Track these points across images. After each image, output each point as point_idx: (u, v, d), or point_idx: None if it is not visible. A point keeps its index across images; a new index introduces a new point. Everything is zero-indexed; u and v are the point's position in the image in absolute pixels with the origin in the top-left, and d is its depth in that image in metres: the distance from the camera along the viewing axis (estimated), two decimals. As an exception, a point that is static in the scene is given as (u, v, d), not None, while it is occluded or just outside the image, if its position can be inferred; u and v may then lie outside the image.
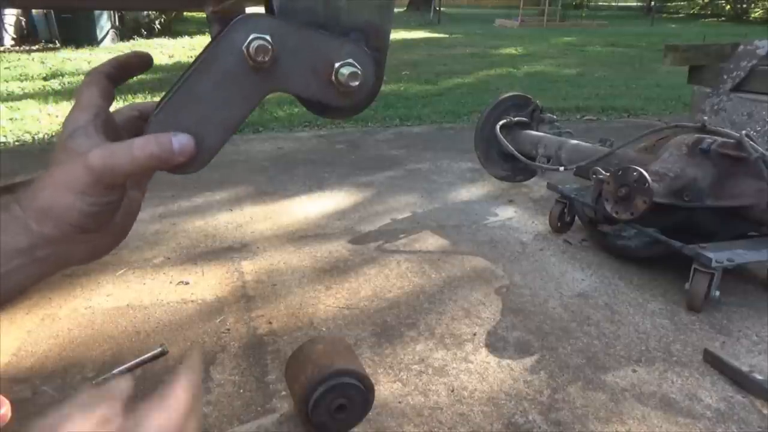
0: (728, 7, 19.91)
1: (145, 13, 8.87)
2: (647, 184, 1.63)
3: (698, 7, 22.29)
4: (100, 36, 7.98)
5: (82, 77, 5.73)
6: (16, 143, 3.57)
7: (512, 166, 2.41)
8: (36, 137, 3.67)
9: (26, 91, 4.99)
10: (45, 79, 5.61)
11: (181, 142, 0.44)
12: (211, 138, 0.47)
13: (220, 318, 1.66)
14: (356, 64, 0.46)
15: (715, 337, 1.61)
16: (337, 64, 0.46)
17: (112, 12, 8.17)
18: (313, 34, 0.46)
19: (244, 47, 0.44)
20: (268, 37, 0.44)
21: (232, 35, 0.44)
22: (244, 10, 0.86)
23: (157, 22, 9.24)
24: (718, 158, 1.66)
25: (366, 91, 0.48)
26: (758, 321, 1.68)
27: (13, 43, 7.99)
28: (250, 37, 0.44)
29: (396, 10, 5.60)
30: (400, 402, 1.34)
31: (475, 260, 2.07)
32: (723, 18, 18.83)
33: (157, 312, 1.69)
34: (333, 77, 0.47)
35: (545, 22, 14.16)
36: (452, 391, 1.38)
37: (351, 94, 0.48)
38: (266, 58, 0.44)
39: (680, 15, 21.51)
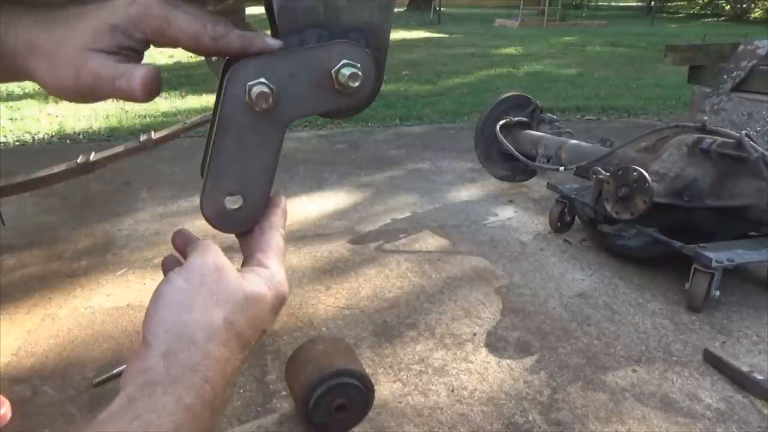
0: (728, 7, 19.91)
1: None
2: (647, 184, 1.63)
3: (698, 7, 22.31)
4: (100, 36, 7.97)
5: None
6: (16, 143, 3.57)
7: (512, 166, 2.41)
8: (36, 137, 3.67)
9: (26, 91, 4.99)
10: (45, 79, 5.60)
11: (143, 77, 0.42)
12: (257, 189, 0.48)
13: (220, 318, 1.66)
14: (353, 63, 0.46)
15: (715, 337, 1.61)
16: (333, 70, 0.46)
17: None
18: (301, 53, 0.46)
19: (246, 99, 0.44)
20: (263, 80, 0.44)
21: (231, 92, 0.44)
22: (244, 10, 0.86)
23: (157, 22, 9.23)
24: (718, 158, 1.66)
25: (367, 87, 0.48)
26: (758, 321, 1.68)
27: (13, 43, 7.98)
28: (247, 86, 0.44)
29: (396, 10, 5.58)
30: (400, 402, 1.34)
31: (475, 260, 2.07)
32: (723, 18, 18.84)
33: (157, 312, 1.68)
34: (335, 83, 0.46)
35: (545, 21, 14.16)
36: (452, 391, 1.38)
37: (354, 94, 0.48)
38: (270, 102, 0.44)
39: (680, 15, 21.53)
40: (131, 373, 0.38)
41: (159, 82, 0.43)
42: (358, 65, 0.46)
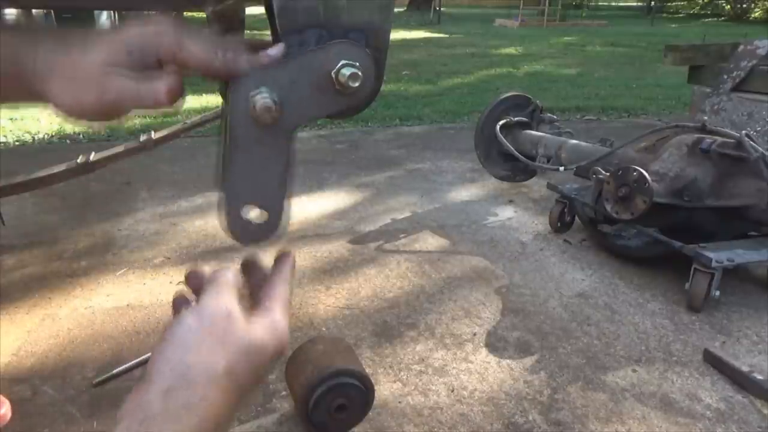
0: (728, 7, 19.91)
1: (145, 13, 8.87)
2: (647, 184, 1.63)
3: (698, 7, 22.31)
4: (100, 36, 7.97)
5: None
6: (16, 143, 3.57)
7: (512, 166, 2.41)
8: (36, 137, 3.67)
9: (26, 91, 4.99)
10: (45, 79, 5.60)
11: (168, 85, 0.44)
12: (276, 200, 0.48)
13: (220, 318, 1.66)
14: (352, 63, 0.46)
15: (715, 337, 1.61)
16: (333, 71, 0.46)
17: (112, 12, 8.17)
18: (301, 58, 0.46)
19: (250, 112, 0.44)
20: (265, 90, 0.44)
21: (236, 107, 0.45)
22: (243, 10, 0.86)
23: (157, 22, 9.23)
24: (718, 158, 1.66)
25: (367, 87, 0.48)
26: (758, 321, 1.68)
27: (13, 43, 7.97)
28: (249, 97, 0.44)
29: (396, 10, 5.58)
30: (400, 402, 1.34)
31: (475, 260, 2.07)
32: (723, 18, 18.84)
33: (157, 312, 1.68)
34: (336, 84, 0.46)
35: (545, 21, 14.16)
36: (452, 391, 1.38)
37: (354, 94, 0.47)
38: (273, 112, 0.44)
39: (680, 15, 21.52)
40: (131, 406, 0.39)
41: (182, 87, 0.45)
42: (358, 65, 0.46)
